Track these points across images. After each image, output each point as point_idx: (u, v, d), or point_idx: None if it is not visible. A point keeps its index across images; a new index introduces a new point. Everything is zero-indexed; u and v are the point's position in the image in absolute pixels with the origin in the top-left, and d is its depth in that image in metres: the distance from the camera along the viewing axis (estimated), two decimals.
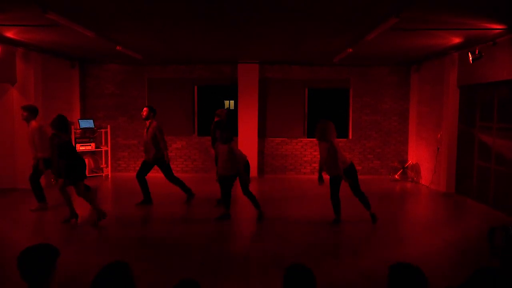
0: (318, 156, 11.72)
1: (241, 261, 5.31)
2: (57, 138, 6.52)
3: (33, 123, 7.44)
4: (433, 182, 10.05)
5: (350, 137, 11.84)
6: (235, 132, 11.49)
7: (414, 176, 11.08)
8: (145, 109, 8.09)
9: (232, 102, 19.42)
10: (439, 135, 9.75)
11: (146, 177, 8.12)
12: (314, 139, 11.82)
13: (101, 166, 11.30)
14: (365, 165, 11.84)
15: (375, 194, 9.35)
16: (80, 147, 10.60)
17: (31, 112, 7.47)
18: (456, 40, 7.85)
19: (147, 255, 5.36)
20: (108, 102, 11.81)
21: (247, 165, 7.07)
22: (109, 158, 11.38)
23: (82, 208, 7.38)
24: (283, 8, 5.72)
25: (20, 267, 2.47)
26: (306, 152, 11.84)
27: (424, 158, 10.73)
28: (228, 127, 7.02)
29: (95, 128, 11.06)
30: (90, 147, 10.83)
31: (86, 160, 10.98)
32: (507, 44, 7.17)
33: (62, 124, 6.62)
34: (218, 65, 11.72)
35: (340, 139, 11.83)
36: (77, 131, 10.68)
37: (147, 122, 8.05)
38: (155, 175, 11.78)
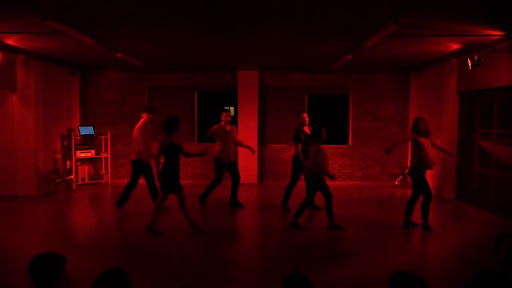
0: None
1: (241, 268, 5.29)
2: (167, 140, 6.44)
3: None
4: (433, 188, 10.02)
5: (350, 143, 11.83)
6: None
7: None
8: (229, 114, 8.34)
9: (232, 108, 19.46)
10: (439, 141, 9.74)
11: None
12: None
13: (101, 173, 11.29)
14: (366, 171, 11.82)
15: (376, 200, 9.34)
16: (80, 154, 10.59)
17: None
18: (455, 46, 7.88)
19: (146, 262, 5.33)
20: (108, 109, 11.82)
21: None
22: (109, 165, 11.36)
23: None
24: (283, 14, 5.75)
25: (31, 273, 2.60)
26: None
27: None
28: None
29: (95, 135, 11.06)
30: (90, 154, 10.82)
31: (86, 167, 11.02)
32: (506, 50, 7.19)
33: (165, 125, 6.56)
34: (218, 72, 11.75)
35: (340, 145, 11.85)
36: (77, 138, 10.68)
37: (228, 126, 8.25)
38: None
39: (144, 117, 8.00)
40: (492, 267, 2.65)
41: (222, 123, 8.30)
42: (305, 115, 8.16)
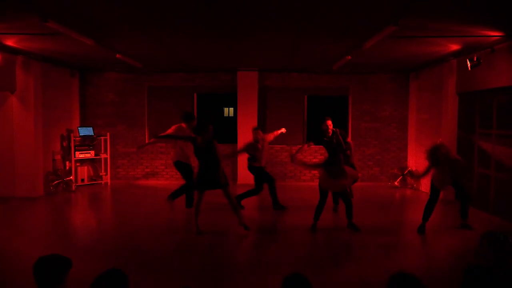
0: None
1: (241, 269, 5.28)
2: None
3: None
4: None
5: None
6: (235, 139, 11.49)
7: (414, 183, 11.07)
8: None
9: (231, 109, 19.49)
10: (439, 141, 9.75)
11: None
12: (314, 145, 11.86)
13: (101, 173, 11.29)
14: (365, 172, 11.82)
15: (375, 201, 9.34)
16: (79, 155, 10.59)
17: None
18: (455, 47, 7.88)
19: (146, 262, 5.32)
20: (108, 110, 11.82)
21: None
22: (109, 165, 11.36)
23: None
24: (282, 15, 5.75)
25: (35, 274, 2.64)
26: (306, 159, 11.82)
27: (424, 164, 10.69)
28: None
29: (95, 136, 11.06)
30: (90, 154, 10.82)
31: (85, 168, 11.02)
32: (505, 51, 7.20)
33: (196, 127, 6.75)
34: (218, 73, 11.76)
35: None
36: (76, 138, 10.68)
37: (259, 134, 8.29)
38: (152, 182, 11.80)
39: (184, 125, 7.97)
40: (479, 263, 2.74)
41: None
42: (329, 122, 7.94)
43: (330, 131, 7.95)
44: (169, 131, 7.92)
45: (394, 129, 11.77)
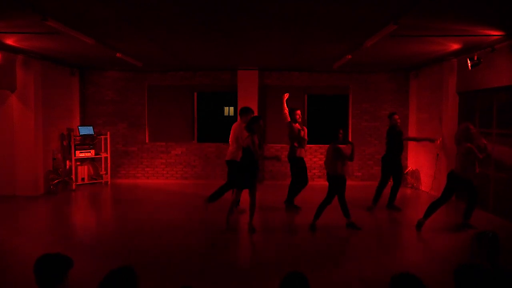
0: (318, 162, 11.74)
1: (241, 269, 5.29)
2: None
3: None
4: (433, 188, 10.03)
5: None
6: None
7: (414, 182, 11.06)
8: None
9: (232, 108, 19.49)
10: (438, 141, 9.75)
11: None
12: (314, 145, 11.87)
13: (101, 173, 11.29)
14: (365, 171, 11.83)
15: None
16: (79, 154, 10.59)
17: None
18: (455, 46, 7.88)
19: (146, 262, 5.32)
20: (108, 109, 11.82)
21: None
22: (109, 164, 11.35)
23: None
24: (282, 15, 5.75)
25: (35, 271, 2.64)
26: (306, 158, 11.79)
27: (424, 164, 10.72)
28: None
29: (95, 135, 11.06)
30: (90, 153, 10.82)
31: (86, 167, 11.02)
32: (505, 51, 7.19)
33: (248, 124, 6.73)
34: (218, 72, 11.76)
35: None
36: (77, 138, 10.68)
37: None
38: (152, 181, 11.80)
39: (242, 119, 7.85)
40: (471, 262, 2.79)
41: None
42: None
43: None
44: (232, 137, 7.78)
45: None
